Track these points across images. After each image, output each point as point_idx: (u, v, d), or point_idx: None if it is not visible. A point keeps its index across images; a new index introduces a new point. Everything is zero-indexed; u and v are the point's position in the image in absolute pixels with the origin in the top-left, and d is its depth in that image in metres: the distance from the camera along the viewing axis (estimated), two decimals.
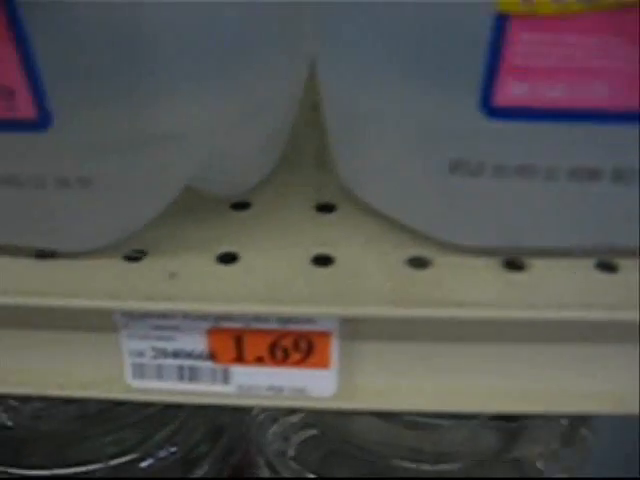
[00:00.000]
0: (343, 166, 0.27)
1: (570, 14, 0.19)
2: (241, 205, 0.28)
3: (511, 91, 0.20)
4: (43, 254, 0.25)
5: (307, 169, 0.30)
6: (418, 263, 0.24)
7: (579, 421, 0.38)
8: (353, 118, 0.24)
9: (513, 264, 0.24)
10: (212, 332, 0.24)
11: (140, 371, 0.25)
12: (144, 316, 0.24)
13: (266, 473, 0.37)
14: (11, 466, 0.35)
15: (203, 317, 0.24)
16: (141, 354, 0.25)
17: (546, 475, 0.36)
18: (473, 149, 0.21)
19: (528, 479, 0.36)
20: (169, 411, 0.38)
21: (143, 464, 0.36)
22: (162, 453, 0.36)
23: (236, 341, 0.24)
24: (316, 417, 0.36)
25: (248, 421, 0.37)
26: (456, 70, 0.20)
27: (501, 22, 0.19)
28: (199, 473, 0.38)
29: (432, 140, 0.22)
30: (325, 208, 0.27)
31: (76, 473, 0.35)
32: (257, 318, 0.23)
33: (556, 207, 0.23)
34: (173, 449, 0.36)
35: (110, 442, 0.36)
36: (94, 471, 0.35)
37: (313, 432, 0.36)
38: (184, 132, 0.21)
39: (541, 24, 0.19)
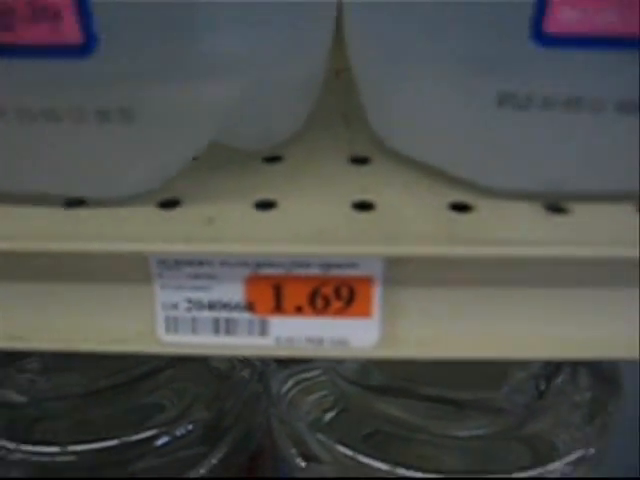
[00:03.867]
0: (375, 117, 0.26)
1: None
2: (273, 159, 0.27)
3: (563, 17, 0.20)
4: (72, 202, 0.24)
5: (336, 127, 0.30)
6: (459, 207, 0.24)
7: (603, 396, 0.37)
8: (387, 58, 0.24)
9: (555, 207, 0.24)
10: (250, 280, 0.23)
11: (174, 325, 0.24)
12: (179, 264, 0.23)
13: (292, 452, 0.36)
14: (24, 442, 0.34)
15: (242, 263, 0.23)
16: (175, 307, 0.24)
17: (562, 452, 0.35)
18: (522, 80, 0.21)
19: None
20: (185, 387, 0.37)
21: (158, 442, 0.35)
22: (179, 431, 0.35)
23: (275, 290, 0.24)
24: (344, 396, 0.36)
25: (274, 397, 0.36)
26: None
27: None
28: (218, 455, 0.37)
29: (477, 74, 0.22)
30: (359, 161, 0.27)
31: (89, 450, 0.34)
32: (297, 263, 0.23)
33: (601, 144, 0.23)
34: (190, 427, 0.35)
35: (124, 419, 0.36)
36: (108, 448, 0.34)
37: (341, 409, 0.36)
38: (227, 64, 0.21)
39: None
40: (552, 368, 0.38)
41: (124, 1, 0.19)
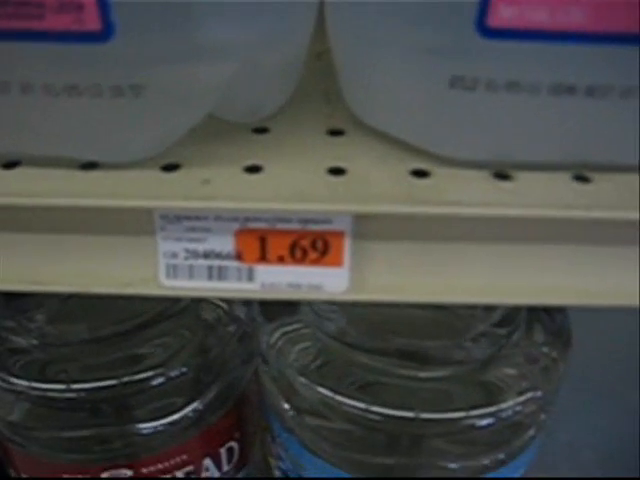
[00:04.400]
0: (350, 94, 0.30)
1: None
2: (261, 130, 0.31)
3: (502, 14, 0.24)
4: (86, 165, 0.28)
5: (316, 103, 0.34)
6: (419, 173, 0.28)
7: (555, 349, 0.42)
8: (359, 47, 0.28)
9: (501, 175, 0.28)
10: (239, 233, 0.27)
11: (173, 271, 0.28)
12: (179, 218, 0.27)
13: (279, 398, 0.40)
14: (36, 381, 0.38)
15: (232, 218, 0.27)
16: (174, 255, 0.28)
17: (513, 394, 0.39)
18: (469, 66, 0.25)
19: None
20: (179, 336, 0.41)
21: (155, 382, 0.39)
22: (173, 373, 0.39)
23: (260, 242, 0.28)
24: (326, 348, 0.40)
25: (263, 347, 0.40)
26: None
27: None
28: (208, 397, 0.42)
29: (433, 59, 0.25)
30: (335, 133, 0.31)
31: (91, 388, 0.38)
32: (280, 219, 0.27)
33: (538, 121, 0.27)
34: (183, 369, 0.40)
35: (123, 363, 0.40)
36: (110, 387, 0.38)
37: (325, 359, 0.40)
38: (223, 48, 0.25)
39: None
40: (510, 324, 0.42)
41: None
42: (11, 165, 0.29)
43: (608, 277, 0.28)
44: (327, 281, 0.28)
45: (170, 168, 0.28)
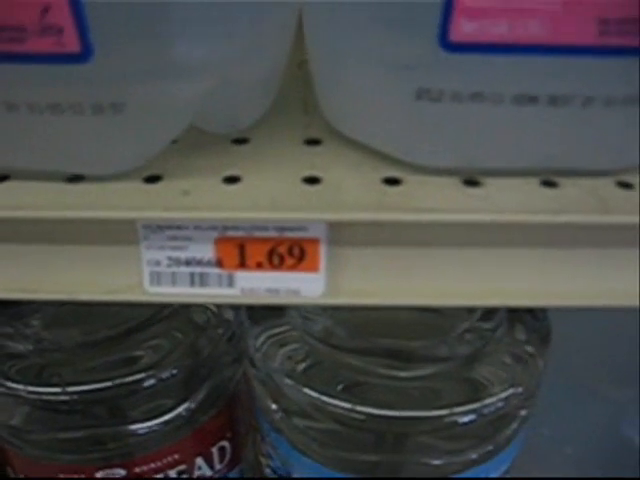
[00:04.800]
0: (326, 105, 0.32)
1: None
2: (240, 141, 0.32)
3: (463, 29, 0.25)
4: (73, 178, 0.30)
5: (295, 113, 0.35)
6: (391, 181, 0.29)
7: (535, 347, 0.43)
8: (334, 59, 0.29)
9: (471, 182, 0.29)
10: (219, 241, 0.29)
11: (157, 278, 0.30)
12: (161, 228, 0.28)
13: (268, 401, 0.41)
14: (32, 385, 0.39)
15: (212, 227, 0.28)
16: (158, 263, 0.29)
17: (496, 391, 0.40)
18: (434, 78, 0.26)
19: None
20: (170, 338, 0.43)
21: (146, 383, 0.40)
22: (164, 375, 0.41)
23: (239, 249, 0.29)
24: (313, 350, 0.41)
25: (250, 350, 0.41)
26: (419, 12, 0.25)
27: None
28: (198, 397, 0.43)
29: (400, 73, 0.27)
30: (312, 142, 0.32)
31: (85, 390, 0.39)
32: (257, 227, 0.28)
33: (504, 130, 0.28)
34: (174, 371, 0.41)
35: (116, 366, 0.41)
36: (103, 389, 0.40)
37: (312, 362, 0.41)
38: (198, 65, 0.26)
39: None
40: (492, 322, 0.43)
41: (113, 18, 0.24)
42: (0, 179, 0.30)
43: (575, 279, 0.29)
44: (304, 286, 0.29)
45: (152, 180, 0.29)
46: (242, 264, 0.29)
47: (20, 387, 0.40)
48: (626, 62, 0.25)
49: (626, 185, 0.29)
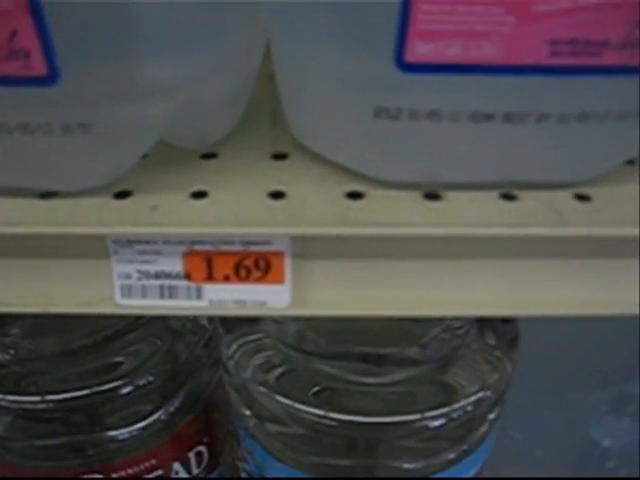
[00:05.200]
0: (293, 120, 0.32)
1: None
2: (209, 155, 0.33)
3: (418, 50, 0.26)
4: (46, 194, 0.30)
5: (264, 127, 0.36)
6: (355, 195, 0.30)
7: (504, 352, 0.44)
8: (299, 78, 0.30)
9: (431, 195, 0.30)
10: (187, 255, 0.30)
11: (128, 291, 0.30)
12: (131, 242, 0.29)
13: (242, 408, 0.42)
14: (11, 394, 0.40)
15: (180, 241, 0.29)
16: (128, 276, 0.30)
17: (462, 393, 0.41)
18: (391, 97, 0.27)
19: None
20: (147, 345, 0.44)
21: (123, 390, 0.41)
22: (141, 382, 0.42)
23: (207, 262, 0.30)
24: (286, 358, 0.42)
25: (224, 358, 0.42)
26: (376, 34, 0.26)
27: None
28: (175, 403, 0.44)
29: (359, 91, 0.28)
30: (279, 157, 0.33)
31: (64, 398, 0.40)
32: (224, 241, 0.29)
33: (461, 146, 0.29)
34: (151, 378, 0.42)
35: (94, 374, 0.42)
36: (82, 397, 0.40)
37: (285, 369, 0.42)
38: (164, 85, 0.27)
39: None
40: (463, 328, 0.44)
41: (80, 41, 0.25)
42: None
43: (533, 288, 0.30)
44: (270, 297, 0.30)
45: (122, 195, 0.30)
46: (210, 277, 0.30)
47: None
48: (577, 81, 0.26)
49: (583, 197, 0.30)
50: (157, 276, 0.30)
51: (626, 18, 0.25)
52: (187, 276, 0.30)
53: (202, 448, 0.47)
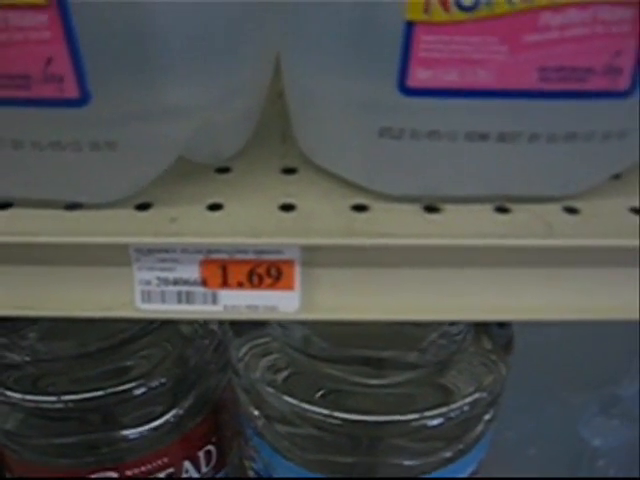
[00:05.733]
0: (301, 137, 0.35)
1: (457, 21, 0.27)
2: (223, 170, 0.36)
3: (419, 76, 0.28)
4: (70, 206, 0.33)
5: (274, 143, 0.38)
6: (359, 208, 0.33)
7: (499, 356, 0.46)
8: (307, 99, 0.32)
9: (431, 208, 0.33)
10: (204, 263, 0.32)
11: (148, 296, 0.33)
12: (151, 251, 0.31)
13: (251, 408, 0.44)
14: (29, 393, 0.42)
15: (197, 250, 0.31)
16: (148, 283, 0.32)
17: (459, 394, 0.43)
18: (394, 119, 0.29)
19: None
20: (159, 349, 0.46)
21: (137, 392, 0.43)
22: (153, 384, 0.44)
23: (222, 270, 0.32)
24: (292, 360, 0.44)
25: (234, 361, 0.44)
26: (380, 61, 0.28)
27: (409, 27, 0.27)
28: (185, 405, 0.46)
29: (364, 113, 0.30)
30: (288, 171, 0.35)
31: (79, 399, 0.42)
32: (238, 250, 0.31)
33: (458, 163, 0.31)
34: (163, 380, 0.44)
35: (108, 376, 0.44)
36: (96, 397, 0.42)
37: (291, 371, 0.44)
38: (184, 108, 0.29)
39: (437, 29, 0.27)
40: (460, 333, 0.47)
41: (109, 67, 0.27)
42: (4, 206, 0.33)
43: (525, 295, 0.33)
44: (281, 303, 0.32)
45: (143, 207, 0.32)
46: (225, 283, 0.32)
47: (18, 396, 0.43)
48: (565, 104, 0.29)
49: (572, 210, 0.33)
50: (175, 282, 0.32)
51: (608, 48, 0.27)
52: (203, 283, 0.32)
53: (211, 447, 0.49)
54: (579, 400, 0.56)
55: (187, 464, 0.48)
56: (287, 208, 0.32)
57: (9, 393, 0.43)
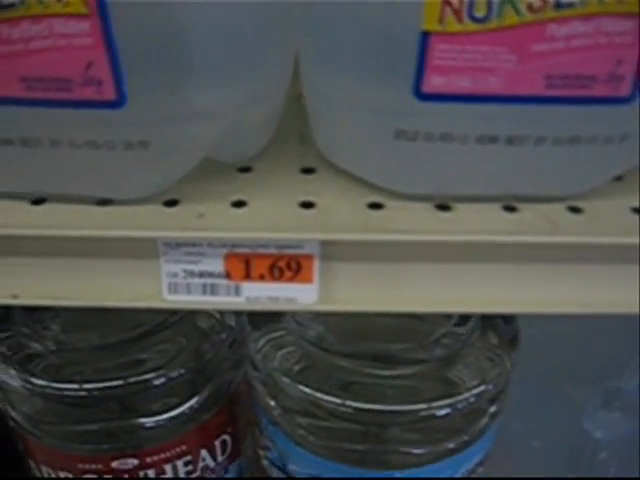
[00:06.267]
0: (320, 138, 0.37)
1: (470, 32, 0.29)
2: (245, 169, 0.37)
3: (433, 82, 0.30)
4: (102, 202, 0.35)
5: (293, 143, 0.40)
6: (375, 206, 0.34)
7: (505, 350, 0.48)
8: (326, 102, 0.34)
9: (442, 206, 0.35)
10: (228, 257, 0.34)
11: (174, 288, 0.34)
12: (179, 245, 0.33)
13: (267, 398, 0.46)
14: (53, 381, 0.44)
15: (222, 244, 0.33)
16: (175, 275, 0.34)
17: (465, 387, 0.45)
18: (409, 122, 0.31)
19: None
20: (177, 342, 0.48)
21: (156, 382, 0.45)
22: (173, 374, 0.46)
23: (245, 263, 0.34)
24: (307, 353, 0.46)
25: (252, 352, 0.46)
26: (397, 67, 0.30)
27: (425, 37, 0.29)
28: (202, 396, 0.48)
29: (381, 116, 0.32)
30: (307, 171, 0.37)
31: (100, 387, 0.44)
32: (260, 245, 0.33)
33: (469, 164, 0.33)
34: (182, 371, 0.46)
35: (129, 366, 0.46)
36: (117, 386, 0.44)
37: (306, 363, 0.46)
38: (212, 111, 0.31)
39: (451, 38, 0.29)
40: (466, 327, 0.48)
41: (143, 72, 0.29)
42: (39, 202, 0.35)
43: (531, 290, 0.34)
44: (300, 295, 0.34)
45: (171, 203, 0.34)
46: (247, 276, 0.34)
47: (42, 383, 0.45)
48: (570, 109, 0.31)
49: (576, 209, 0.34)
50: (201, 275, 0.34)
51: (610, 57, 0.29)
52: (227, 275, 0.34)
53: (226, 437, 0.51)
54: (582, 394, 0.58)
55: (204, 452, 0.50)
56: (307, 205, 0.34)
57: (34, 380, 0.45)
